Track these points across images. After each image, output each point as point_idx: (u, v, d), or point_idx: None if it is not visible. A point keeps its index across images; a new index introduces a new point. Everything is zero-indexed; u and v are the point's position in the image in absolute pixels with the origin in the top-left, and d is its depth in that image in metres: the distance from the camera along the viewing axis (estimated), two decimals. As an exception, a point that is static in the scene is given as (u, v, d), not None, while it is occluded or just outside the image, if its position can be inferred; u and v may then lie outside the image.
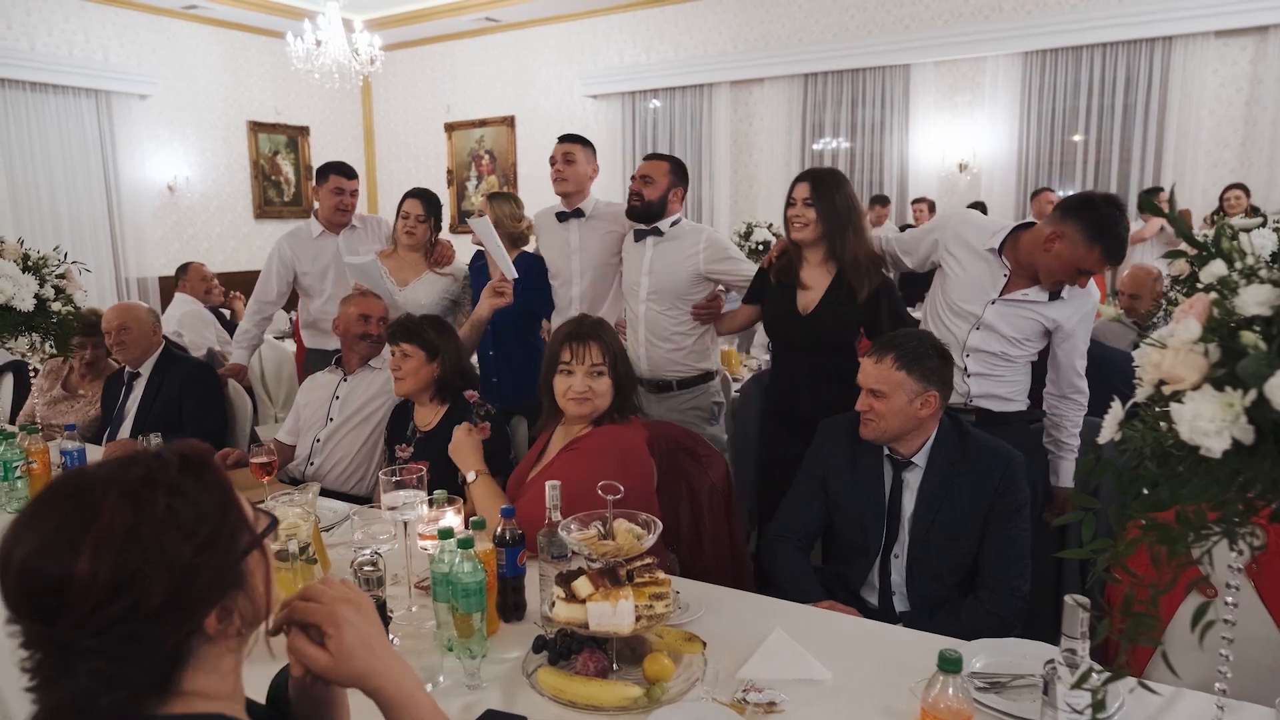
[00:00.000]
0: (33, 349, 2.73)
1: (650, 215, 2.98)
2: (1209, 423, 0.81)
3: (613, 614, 1.38)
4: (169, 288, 6.06)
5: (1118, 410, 0.96)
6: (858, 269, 2.56)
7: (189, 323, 5.13)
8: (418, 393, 2.59)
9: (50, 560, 0.76)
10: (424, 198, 3.43)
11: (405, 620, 1.73)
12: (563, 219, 3.21)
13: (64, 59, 7.19)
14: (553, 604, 1.45)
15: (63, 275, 2.74)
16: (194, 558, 0.79)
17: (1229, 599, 1.06)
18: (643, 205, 2.96)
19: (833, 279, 2.61)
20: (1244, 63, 6.42)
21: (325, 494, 2.48)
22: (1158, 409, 0.89)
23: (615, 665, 1.47)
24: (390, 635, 1.51)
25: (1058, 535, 2.42)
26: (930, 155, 7.46)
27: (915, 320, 2.76)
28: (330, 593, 0.96)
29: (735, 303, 3.04)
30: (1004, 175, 7.22)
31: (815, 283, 2.65)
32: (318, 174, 3.68)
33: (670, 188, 2.97)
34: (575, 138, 3.19)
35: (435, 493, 1.85)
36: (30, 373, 3.38)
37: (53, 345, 2.74)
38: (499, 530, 1.68)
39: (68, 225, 7.29)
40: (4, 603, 0.79)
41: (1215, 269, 0.92)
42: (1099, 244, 2.23)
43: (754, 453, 2.99)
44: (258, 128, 8.78)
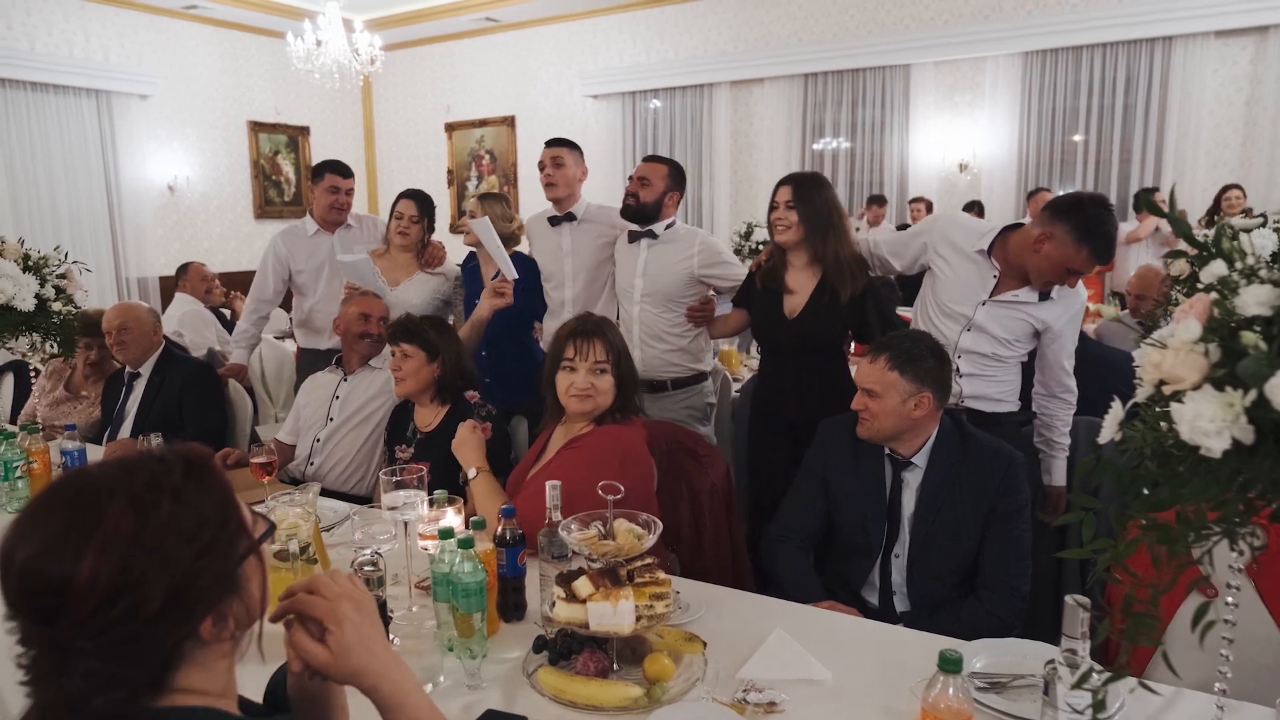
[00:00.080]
0: (33, 349, 2.73)
1: (645, 217, 2.97)
2: (1209, 423, 0.81)
3: (613, 614, 1.38)
4: (169, 288, 6.06)
5: (1118, 410, 0.96)
6: (841, 271, 2.58)
7: (189, 323, 5.13)
8: (418, 393, 2.59)
9: (53, 562, 0.76)
10: (418, 198, 3.46)
11: (406, 620, 1.73)
12: (555, 223, 3.21)
13: (64, 59, 7.19)
14: (553, 604, 1.45)
15: (63, 275, 2.74)
16: (194, 563, 0.80)
17: (1229, 599, 1.06)
18: (638, 206, 2.96)
19: (818, 282, 2.63)
20: (1244, 63, 6.42)
21: (325, 494, 2.48)
22: (1158, 409, 0.89)
23: (616, 665, 1.47)
24: (391, 635, 1.51)
25: (1058, 535, 2.42)
26: (930, 155, 7.46)
27: (906, 322, 2.76)
28: (334, 588, 0.96)
29: (727, 306, 3.05)
30: (1004, 175, 7.22)
31: (801, 286, 2.67)
32: (313, 172, 3.70)
33: (667, 191, 2.97)
34: (562, 141, 3.19)
35: (436, 493, 1.85)
36: (31, 373, 3.38)
37: (53, 345, 2.74)
38: (499, 530, 1.68)
39: (68, 225, 7.30)
40: (4, 601, 0.79)
41: (1216, 269, 0.92)
42: (1088, 244, 2.25)
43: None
44: (258, 128, 8.78)
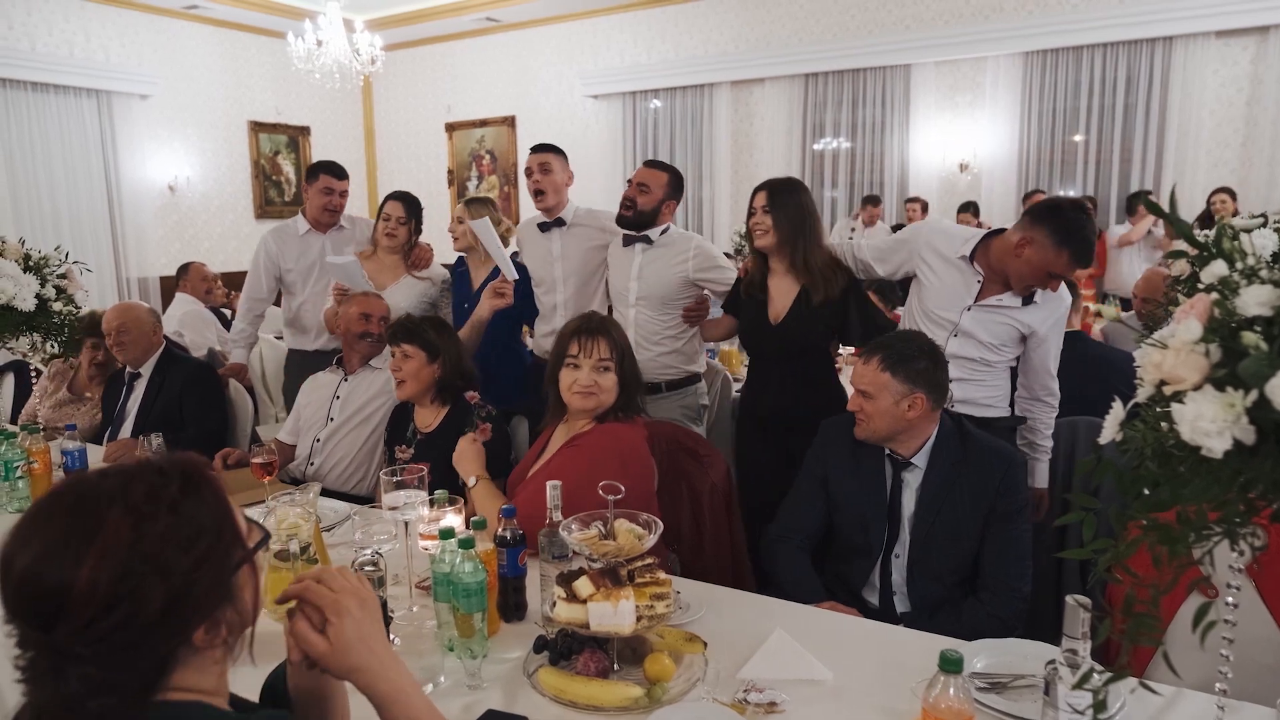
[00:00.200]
0: (34, 349, 2.73)
1: (641, 224, 2.97)
2: (1210, 423, 0.81)
3: (614, 614, 1.38)
4: (170, 288, 6.06)
5: (1119, 410, 0.96)
6: (812, 274, 2.61)
7: (190, 323, 5.13)
8: (419, 394, 2.59)
9: (52, 569, 0.78)
10: (405, 200, 3.47)
11: (406, 620, 1.73)
12: (545, 229, 3.21)
13: (65, 59, 7.20)
14: (554, 604, 1.45)
15: (64, 275, 2.74)
16: (190, 572, 0.82)
17: (1230, 599, 1.06)
18: (634, 214, 2.96)
19: (800, 286, 2.65)
20: (1244, 63, 6.42)
21: (325, 494, 2.48)
22: (1159, 409, 0.89)
23: (616, 665, 1.47)
24: (391, 635, 1.51)
25: (1058, 535, 2.42)
26: (931, 155, 7.46)
27: (893, 322, 2.77)
28: (341, 582, 0.99)
29: (718, 310, 3.07)
30: (1004, 175, 7.22)
31: (783, 291, 2.69)
32: (308, 172, 3.69)
33: (665, 200, 2.98)
34: (549, 147, 3.19)
35: (436, 493, 1.85)
36: (31, 373, 3.38)
37: (54, 345, 2.74)
38: (500, 530, 1.68)
39: (68, 225, 7.30)
40: (3, 606, 0.80)
41: (1216, 269, 0.92)
42: (1067, 247, 2.27)
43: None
44: (258, 128, 8.78)
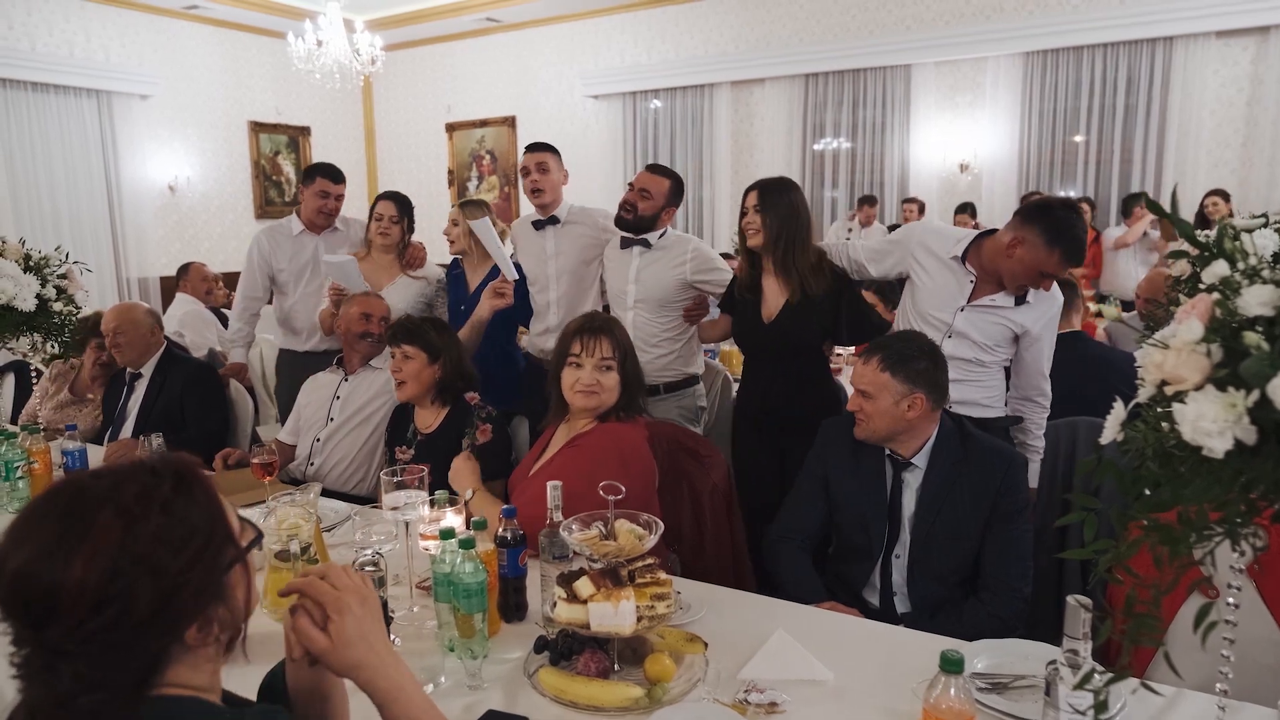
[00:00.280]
0: (34, 349, 2.73)
1: (641, 228, 2.98)
2: (1212, 423, 0.81)
3: (614, 614, 1.38)
4: (170, 288, 6.06)
5: (1120, 411, 0.96)
6: (800, 272, 2.62)
7: (190, 323, 5.13)
8: (419, 395, 2.59)
9: (45, 569, 0.79)
10: (396, 199, 3.49)
11: (407, 621, 1.72)
12: (539, 227, 3.21)
13: (65, 59, 7.19)
14: (554, 604, 1.45)
15: (64, 275, 2.74)
16: (181, 573, 0.83)
17: (1231, 600, 1.06)
18: (635, 219, 2.96)
19: (791, 286, 2.66)
20: (1245, 63, 6.41)
21: (325, 494, 2.48)
22: (1160, 409, 0.89)
23: (617, 666, 1.47)
24: (392, 636, 1.51)
25: (1059, 536, 2.42)
26: (931, 155, 7.46)
27: (888, 323, 2.78)
28: (344, 579, 1.01)
29: (715, 312, 3.07)
30: (1005, 176, 7.21)
31: (775, 291, 2.70)
32: (305, 173, 3.68)
33: (666, 206, 2.98)
34: (545, 146, 3.19)
35: (437, 493, 1.85)
36: (32, 374, 3.38)
37: (55, 346, 2.74)
38: (500, 530, 1.68)
39: (69, 225, 7.30)
40: None
41: (1218, 269, 0.92)
42: (1058, 247, 2.28)
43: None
44: (259, 128, 8.78)
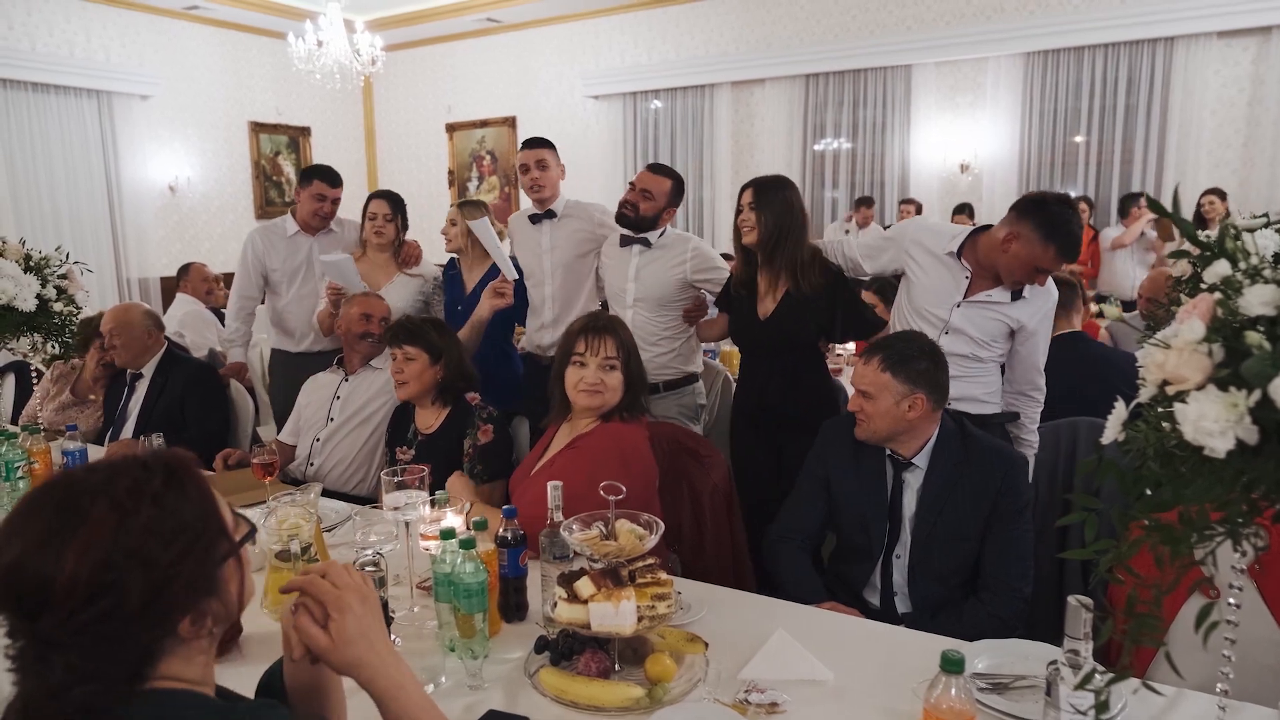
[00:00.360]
0: (34, 349, 2.73)
1: (640, 228, 2.98)
2: (1213, 423, 0.81)
3: (615, 614, 1.38)
4: (170, 288, 6.06)
5: (1121, 410, 0.96)
6: (796, 268, 2.63)
7: (190, 323, 5.13)
8: (420, 396, 2.59)
9: (37, 561, 0.80)
10: (388, 197, 3.51)
11: (407, 621, 1.72)
12: (535, 221, 3.23)
13: (65, 59, 7.19)
14: (555, 604, 1.45)
15: (65, 276, 2.74)
16: (172, 565, 0.84)
17: (1232, 600, 1.06)
18: (636, 219, 2.96)
19: (787, 283, 2.67)
20: (1246, 63, 6.41)
21: (325, 495, 2.48)
22: (1161, 409, 0.89)
23: (617, 666, 1.47)
24: (393, 636, 1.51)
25: (1060, 536, 2.41)
26: (931, 156, 7.45)
27: (885, 321, 2.78)
28: (344, 578, 1.01)
29: (714, 311, 3.08)
30: (1005, 176, 7.21)
31: (771, 288, 2.71)
32: (302, 175, 3.67)
33: (667, 206, 2.99)
34: (541, 141, 3.20)
35: (437, 493, 1.85)
36: (32, 374, 3.37)
37: (55, 346, 2.73)
38: (501, 531, 1.68)
39: (69, 226, 7.29)
40: None
41: (1219, 269, 0.92)
42: (1054, 242, 2.29)
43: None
44: (259, 128, 8.78)
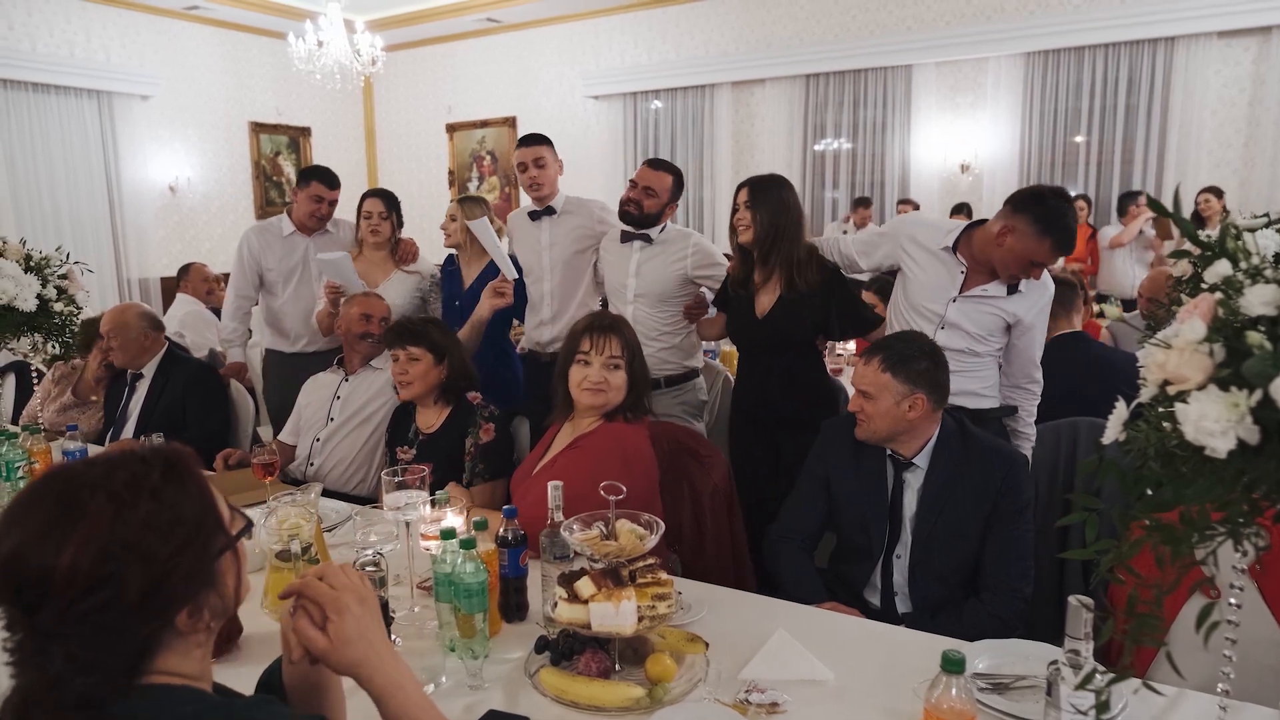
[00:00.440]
0: (35, 350, 2.73)
1: (643, 225, 2.99)
2: (1214, 423, 0.81)
3: (615, 614, 1.38)
4: (171, 288, 6.06)
5: (1122, 410, 0.96)
6: (792, 266, 2.63)
7: (190, 323, 5.13)
8: (422, 395, 2.58)
9: (36, 553, 0.81)
10: (382, 195, 3.52)
11: (408, 621, 1.72)
12: (535, 217, 3.24)
13: (65, 59, 7.19)
14: (555, 604, 1.45)
15: (65, 276, 2.74)
16: (170, 558, 0.84)
17: (1232, 600, 1.06)
18: (639, 216, 2.98)
19: (783, 282, 2.67)
20: (1246, 63, 6.41)
21: (326, 495, 2.48)
22: (1162, 409, 0.89)
23: (617, 666, 1.47)
24: (393, 636, 1.51)
25: (1060, 536, 2.41)
26: (932, 156, 7.45)
27: (882, 318, 2.79)
28: (342, 579, 1.02)
29: (713, 310, 3.08)
30: (1006, 176, 7.20)
31: (769, 286, 2.71)
32: (300, 176, 3.67)
33: (669, 202, 3.00)
34: (540, 139, 3.21)
35: (438, 493, 1.85)
36: (33, 374, 3.37)
37: (56, 346, 2.73)
38: (501, 531, 1.68)
39: (69, 226, 7.29)
40: None
41: (1220, 269, 0.92)
42: (1049, 236, 2.29)
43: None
44: (259, 128, 8.78)
